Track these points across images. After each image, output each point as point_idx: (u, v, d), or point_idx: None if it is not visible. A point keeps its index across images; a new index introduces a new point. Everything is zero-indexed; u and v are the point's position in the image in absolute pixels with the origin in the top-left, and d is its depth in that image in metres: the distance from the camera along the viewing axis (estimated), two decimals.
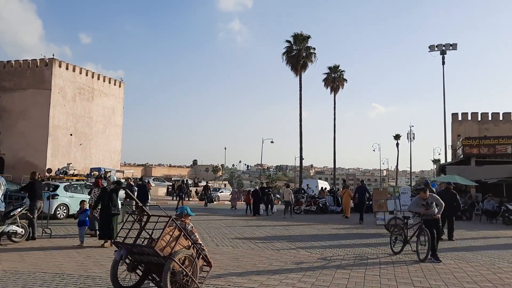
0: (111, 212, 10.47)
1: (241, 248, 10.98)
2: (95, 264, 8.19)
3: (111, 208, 10.49)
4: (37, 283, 6.58)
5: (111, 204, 10.52)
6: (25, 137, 50.85)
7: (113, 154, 61.60)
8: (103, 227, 10.54)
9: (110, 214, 10.46)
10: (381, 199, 15.98)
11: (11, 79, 52.88)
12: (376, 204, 16.14)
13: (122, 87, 64.03)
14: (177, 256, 5.77)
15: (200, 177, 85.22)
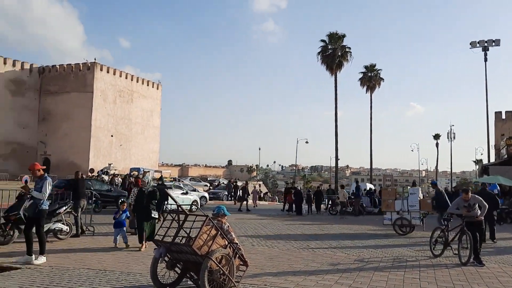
0: (148, 215, 10.16)
1: (277, 248, 11.01)
2: (136, 262, 8.44)
3: (149, 210, 10.17)
4: (81, 278, 6.86)
5: (149, 207, 10.19)
6: (69, 138, 52.95)
7: (151, 154, 63.11)
8: (139, 229, 10.26)
9: (147, 217, 10.16)
10: (389, 199, 15.97)
11: (56, 83, 55.19)
12: (385, 204, 16.19)
13: (159, 89, 65.49)
14: (214, 255, 5.88)
15: (235, 177, 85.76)
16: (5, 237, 10.00)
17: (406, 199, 15.44)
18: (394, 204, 15.54)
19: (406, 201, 15.34)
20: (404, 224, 15.12)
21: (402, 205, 15.29)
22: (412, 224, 15.02)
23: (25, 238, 8.23)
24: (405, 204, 15.25)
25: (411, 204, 15.17)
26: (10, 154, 51.56)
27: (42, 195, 8.15)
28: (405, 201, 15.33)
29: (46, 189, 8.17)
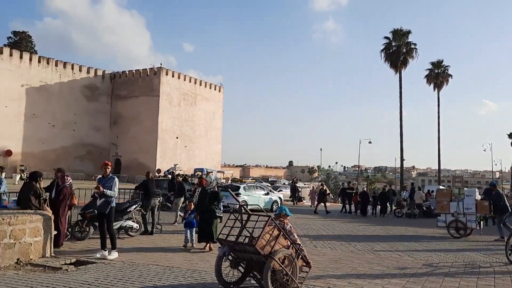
0: (211, 215, 10.02)
1: (340, 250, 10.84)
2: (201, 260, 8.70)
3: (211, 210, 10.03)
4: (151, 274, 7.20)
5: (212, 207, 10.04)
6: (137, 140, 55.71)
7: (214, 155, 64.66)
8: (201, 229, 10.08)
9: (210, 216, 10.01)
10: (444, 201, 15.26)
11: (126, 88, 58.31)
12: (439, 205, 15.53)
13: (221, 92, 66.94)
14: (277, 255, 5.91)
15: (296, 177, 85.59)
16: (81, 233, 10.71)
17: (462, 201, 14.84)
18: (449, 205, 15.02)
19: (461, 203, 14.75)
20: (459, 227, 14.52)
21: (458, 207, 14.76)
22: (467, 227, 14.39)
23: (100, 233, 8.83)
24: (460, 206, 14.69)
25: (466, 206, 14.61)
26: (85, 156, 55.17)
27: (114, 193, 8.78)
28: (461, 203, 14.74)
29: (116, 187, 8.82)
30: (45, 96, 51.70)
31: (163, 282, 6.68)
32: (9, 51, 49.65)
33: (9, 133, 48.16)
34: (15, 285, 6.11)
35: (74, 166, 49.72)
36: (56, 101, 52.59)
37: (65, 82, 53.96)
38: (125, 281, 6.62)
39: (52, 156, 50.29)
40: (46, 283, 6.27)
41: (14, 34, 64.38)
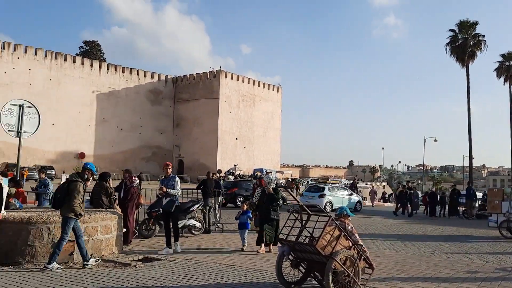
0: (269, 217, 9.63)
1: (405, 252, 10.46)
2: (262, 259, 8.78)
3: (270, 211, 9.62)
4: (213, 272, 7.37)
5: (270, 208, 9.63)
6: (199, 142, 57.34)
7: (273, 155, 64.92)
8: (260, 232, 9.82)
9: (268, 218, 9.63)
10: (495, 200, 14.23)
11: (187, 91, 60.24)
12: (490, 205, 14.52)
13: (279, 92, 67.07)
14: (338, 256, 5.83)
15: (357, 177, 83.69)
16: (148, 231, 11.21)
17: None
18: (500, 205, 14.16)
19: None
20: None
21: (510, 206, 14.01)
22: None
23: (165, 231, 9.25)
24: None
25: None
26: (151, 157, 57.64)
27: (177, 192, 9.24)
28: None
29: (178, 186, 9.29)
30: (114, 101, 54.66)
31: (225, 280, 6.82)
32: (81, 60, 53.08)
33: (82, 137, 51.49)
34: (89, 280, 6.52)
35: (141, 167, 52.07)
36: (123, 106, 55.43)
37: (131, 87, 56.71)
38: (189, 278, 6.83)
39: (120, 157, 53.09)
40: (117, 278, 6.63)
41: (85, 44, 68.75)
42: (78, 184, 7.28)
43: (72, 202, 7.13)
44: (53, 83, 49.35)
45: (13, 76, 46.19)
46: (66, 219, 7.14)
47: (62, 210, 7.20)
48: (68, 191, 7.22)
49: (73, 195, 7.17)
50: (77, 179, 7.40)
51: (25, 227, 7.51)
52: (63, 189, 7.28)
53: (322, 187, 24.44)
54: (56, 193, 7.37)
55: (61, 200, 7.21)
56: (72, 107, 50.34)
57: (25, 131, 10.56)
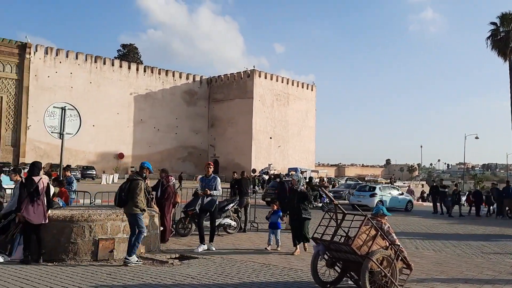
0: (301, 217, 9.20)
1: (445, 253, 10.16)
2: (297, 258, 8.75)
3: (301, 211, 9.20)
4: (248, 270, 7.42)
5: (301, 207, 9.21)
6: (233, 141, 57.78)
7: (308, 154, 64.52)
8: (292, 232, 9.49)
9: (299, 218, 9.22)
10: None
11: (221, 91, 60.82)
12: None
13: (314, 91, 66.59)
14: (375, 256, 5.74)
15: (394, 176, 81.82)
16: (184, 229, 11.41)
17: None
18: None
19: None
20: None
21: None
22: None
23: (198, 229, 9.46)
24: None
25: None
26: (187, 157, 58.60)
27: (219, 192, 9.53)
28: None
29: (219, 186, 9.53)
30: (150, 102, 55.91)
31: (260, 278, 6.85)
32: (119, 63, 54.63)
33: (121, 138, 52.98)
34: (129, 276, 6.71)
35: (177, 167, 52.99)
36: (159, 107, 56.60)
37: (167, 89, 57.83)
38: (224, 276, 6.91)
39: (157, 157, 54.22)
40: (155, 276, 6.79)
41: (123, 47, 70.65)
42: (139, 183, 7.85)
43: (135, 200, 7.66)
44: (93, 86, 51.02)
45: (55, 80, 48.09)
46: (134, 215, 7.69)
47: (127, 207, 7.72)
48: (130, 190, 7.72)
49: (135, 192, 7.69)
50: (138, 178, 7.98)
51: (68, 225, 7.81)
52: (125, 188, 7.76)
53: (373, 187, 24.68)
54: (119, 192, 7.82)
55: (124, 198, 7.71)
56: (111, 108, 51.87)
57: (67, 132, 10.99)
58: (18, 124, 45.25)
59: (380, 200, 22.80)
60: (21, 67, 45.38)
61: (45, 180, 7.71)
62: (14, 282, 6.03)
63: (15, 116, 45.21)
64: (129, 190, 7.72)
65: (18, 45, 45.57)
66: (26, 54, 45.61)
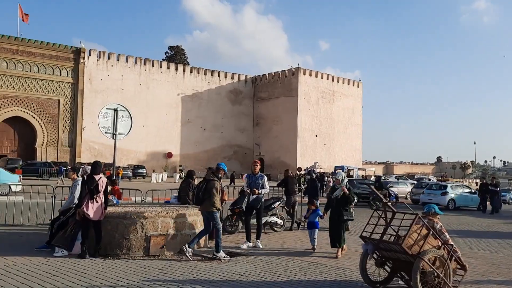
0: (342, 218, 8.70)
1: (501, 253, 9.68)
2: (345, 257, 8.64)
3: (342, 212, 8.70)
4: (295, 268, 7.42)
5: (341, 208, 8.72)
6: (278, 140, 57.81)
7: (354, 152, 63.40)
8: (332, 233, 8.90)
9: (341, 219, 8.72)
10: None
11: (266, 90, 61.00)
12: None
13: (360, 87, 65.33)
14: (427, 256, 5.57)
15: (446, 174, 78.64)
16: (231, 227, 11.55)
17: None
18: None
19: None
20: None
21: None
22: None
23: (245, 226, 9.60)
24: None
25: None
26: (232, 155, 59.30)
27: (266, 190, 9.64)
28: None
29: (266, 184, 9.64)
30: (197, 102, 57.05)
31: (308, 277, 6.83)
32: (166, 65, 56.15)
33: (170, 138, 54.46)
34: (179, 272, 6.91)
35: None
36: (205, 107, 57.63)
37: (213, 89, 58.75)
38: (272, 274, 6.95)
39: (204, 156, 55.27)
40: (204, 272, 6.94)
41: (170, 49, 72.53)
42: (216, 183, 8.37)
43: (213, 199, 8.18)
44: (142, 88, 52.74)
45: (108, 82, 50.16)
46: (211, 213, 8.23)
47: (204, 206, 8.27)
48: (206, 189, 8.25)
49: (212, 192, 8.20)
50: (214, 178, 8.45)
51: (121, 221, 8.15)
52: (202, 188, 8.31)
53: (444, 185, 24.87)
54: (197, 191, 8.42)
55: (202, 197, 8.27)
56: (160, 109, 53.39)
57: (120, 132, 11.46)
58: (74, 125, 47.61)
59: (451, 199, 22.64)
60: (76, 71, 47.70)
61: (104, 179, 8.11)
62: (73, 276, 6.38)
63: (71, 118, 47.60)
64: (205, 189, 8.24)
65: (73, 50, 47.92)
66: (80, 59, 47.89)
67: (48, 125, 46.10)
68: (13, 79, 44.13)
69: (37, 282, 5.95)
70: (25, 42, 44.97)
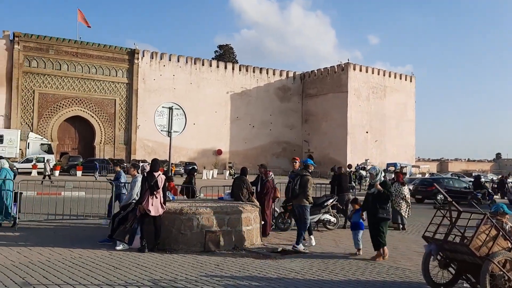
0: (378, 216, 7.99)
1: None
2: (403, 257, 8.35)
3: (378, 210, 7.99)
4: (352, 268, 7.26)
5: (378, 206, 8.01)
6: (328, 136, 57.05)
7: (407, 149, 61.37)
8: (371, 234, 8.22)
9: (377, 218, 8.01)
10: None
11: (315, 86, 60.37)
12: None
13: (413, 82, 63.12)
14: (497, 258, 5.26)
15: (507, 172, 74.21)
16: (284, 224, 11.53)
17: None
18: None
19: None
20: None
21: None
22: None
23: (297, 224, 9.44)
24: None
25: None
26: (281, 152, 59.24)
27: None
28: None
29: None
30: (246, 100, 57.46)
31: (366, 276, 6.66)
32: (216, 63, 56.98)
33: (219, 135, 55.27)
34: (235, 268, 6.96)
35: (272, 163, 53.78)
36: (254, 104, 57.92)
37: (261, 86, 58.92)
38: (329, 272, 6.84)
39: (253, 153, 55.59)
40: (260, 268, 6.95)
41: (219, 48, 73.56)
42: (309, 178, 8.75)
43: (307, 193, 8.63)
44: (193, 86, 53.83)
45: (160, 82, 51.63)
46: (303, 206, 8.67)
47: (298, 199, 8.70)
48: (301, 184, 8.64)
49: (306, 187, 8.61)
50: (307, 174, 8.81)
51: (178, 217, 8.35)
52: (297, 183, 8.71)
53: None
54: (293, 186, 8.78)
55: (296, 191, 8.69)
56: (210, 107, 54.26)
57: (174, 130, 11.73)
58: (129, 124, 49.44)
59: None
60: (131, 72, 49.47)
61: (162, 176, 8.35)
62: (134, 269, 6.60)
63: (127, 117, 49.47)
64: (300, 184, 8.60)
65: (128, 51, 49.72)
66: (134, 60, 49.61)
67: (105, 124, 48.18)
68: (73, 80, 46.47)
69: (101, 275, 6.20)
70: (84, 45, 47.19)
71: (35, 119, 44.42)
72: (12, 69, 43.40)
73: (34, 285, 5.54)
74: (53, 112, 45.45)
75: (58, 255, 7.35)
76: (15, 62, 43.47)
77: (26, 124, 43.80)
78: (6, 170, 10.24)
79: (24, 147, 39.60)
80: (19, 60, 43.71)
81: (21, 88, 43.84)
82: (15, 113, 43.37)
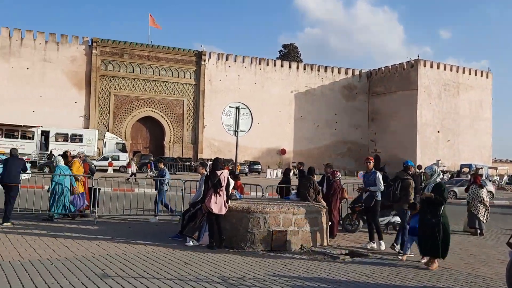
0: (430, 221, 7.27)
1: None
2: (483, 264, 7.81)
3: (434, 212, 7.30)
4: (427, 274, 6.90)
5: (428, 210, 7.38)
6: (396, 136, 54.99)
7: (483, 149, 57.62)
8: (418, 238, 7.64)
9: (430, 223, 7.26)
10: None
11: (382, 84, 58.46)
12: None
13: (489, 78, 59.12)
14: None
15: None
16: (352, 225, 11.25)
17: None
18: None
19: None
20: None
21: None
22: None
23: (368, 226, 9.24)
24: None
25: None
26: (346, 152, 58.07)
27: (378, 188, 9.01)
28: None
29: (379, 182, 8.99)
30: (310, 99, 56.99)
31: (442, 283, 6.31)
32: (280, 63, 57.09)
33: (283, 134, 55.33)
34: (303, 269, 6.89)
35: (336, 162, 52.84)
36: (318, 103, 57.27)
37: (326, 85, 58.11)
38: (401, 277, 6.56)
39: (316, 153, 55.00)
40: (328, 270, 6.82)
41: (284, 47, 73.60)
42: (411, 182, 8.68)
43: (409, 197, 8.51)
44: (257, 86, 54.36)
45: (226, 83, 52.74)
46: (404, 210, 8.55)
47: (400, 203, 8.62)
48: (402, 188, 8.58)
49: (408, 191, 8.55)
50: (408, 177, 8.73)
51: (245, 215, 8.42)
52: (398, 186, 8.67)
53: None
54: (394, 190, 8.68)
55: (397, 195, 8.63)
56: (274, 107, 54.49)
57: (241, 130, 11.88)
58: (196, 124, 51.04)
59: None
60: (198, 73, 51.03)
61: (225, 174, 8.45)
62: (205, 266, 6.75)
63: (194, 117, 51.11)
64: (402, 188, 8.52)
65: (195, 53, 51.34)
66: (201, 61, 51.13)
67: (174, 124, 50.11)
68: (145, 82, 48.83)
69: (173, 269, 6.41)
70: (155, 48, 49.41)
71: (111, 119, 47.27)
72: (90, 73, 46.54)
73: (112, 277, 5.84)
74: (127, 113, 48.07)
75: (133, 249, 7.71)
76: (93, 66, 46.57)
77: (102, 124, 46.74)
78: (60, 168, 10.70)
79: (101, 146, 42.23)
80: (97, 64, 46.76)
81: (99, 91, 46.87)
82: (93, 114, 46.44)
